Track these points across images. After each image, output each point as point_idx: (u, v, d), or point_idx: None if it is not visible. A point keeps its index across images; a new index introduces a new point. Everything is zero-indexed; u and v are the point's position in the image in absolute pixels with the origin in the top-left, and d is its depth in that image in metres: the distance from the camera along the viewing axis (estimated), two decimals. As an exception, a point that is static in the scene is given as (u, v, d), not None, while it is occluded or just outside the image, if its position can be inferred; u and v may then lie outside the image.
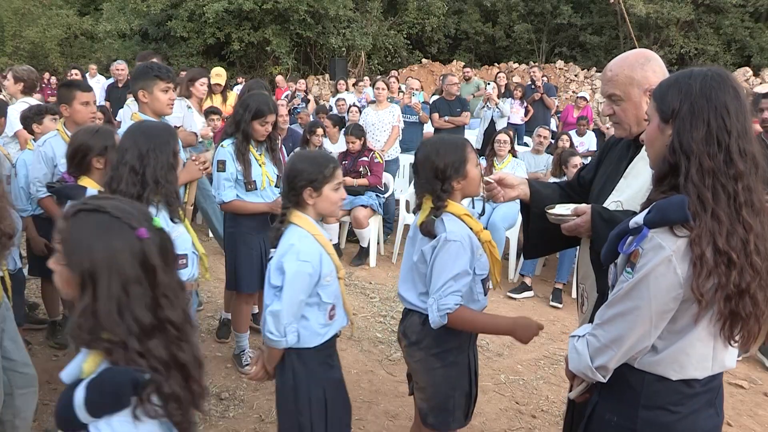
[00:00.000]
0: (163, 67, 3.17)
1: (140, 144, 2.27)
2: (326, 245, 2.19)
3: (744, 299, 1.36)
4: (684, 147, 1.39)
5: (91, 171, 2.61)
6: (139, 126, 2.43)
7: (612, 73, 1.96)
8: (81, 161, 2.59)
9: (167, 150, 2.31)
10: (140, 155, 2.26)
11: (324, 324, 2.19)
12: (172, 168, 2.30)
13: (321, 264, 2.13)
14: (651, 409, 1.49)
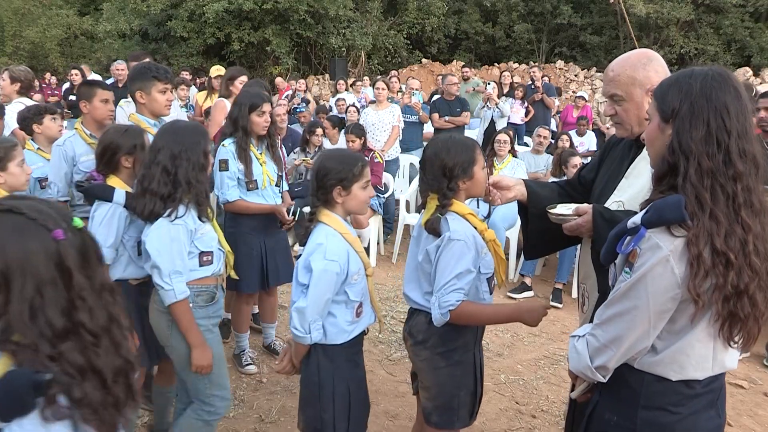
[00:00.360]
0: (161, 68, 3.16)
1: (173, 144, 2.31)
2: (354, 243, 2.21)
3: (742, 300, 1.36)
4: (683, 147, 1.38)
5: (120, 170, 2.63)
6: (171, 126, 2.46)
7: (614, 73, 1.96)
8: (110, 160, 2.60)
9: (198, 150, 2.34)
10: (173, 156, 2.29)
11: (351, 321, 2.23)
12: (202, 168, 2.33)
13: (348, 262, 2.16)
14: (651, 410, 1.49)
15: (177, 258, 2.30)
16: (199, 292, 2.42)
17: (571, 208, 2.00)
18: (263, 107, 3.45)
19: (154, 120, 3.14)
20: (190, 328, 2.35)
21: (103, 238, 2.49)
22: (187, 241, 2.33)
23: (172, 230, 2.29)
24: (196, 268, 2.40)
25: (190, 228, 2.33)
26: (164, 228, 2.29)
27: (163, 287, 2.29)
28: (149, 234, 2.32)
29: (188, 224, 2.32)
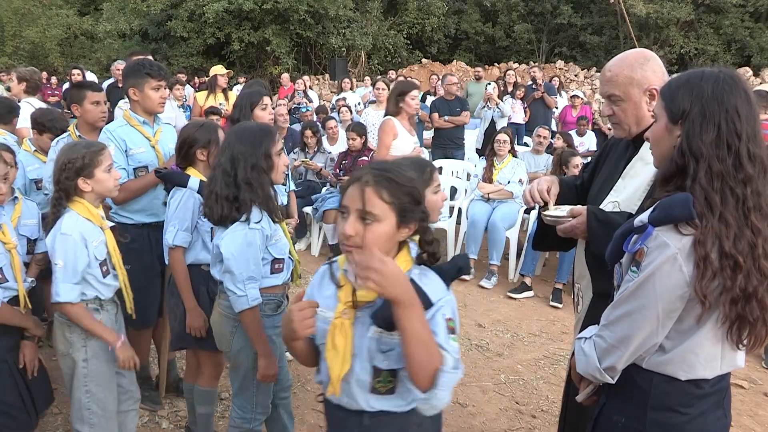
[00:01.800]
0: (155, 65, 3.13)
1: (233, 146, 2.27)
2: None
3: (751, 303, 1.36)
4: (693, 149, 1.38)
5: (196, 162, 2.70)
6: (236, 127, 2.43)
7: (611, 73, 1.95)
8: (186, 153, 2.69)
9: (258, 152, 2.26)
10: (232, 157, 2.25)
11: None
12: (263, 170, 2.26)
13: None
14: (660, 411, 1.48)
15: (252, 263, 2.25)
16: (267, 301, 2.38)
17: (565, 209, 1.99)
18: (264, 100, 3.45)
19: (147, 117, 3.13)
20: (259, 337, 2.30)
21: (180, 221, 2.58)
22: (263, 247, 2.29)
23: (249, 235, 2.23)
24: (267, 275, 2.36)
25: (267, 233, 2.28)
26: (241, 232, 2.23)
27: (235, 293, 2.23)
28: (225, 238, 2.25)
29: (265, 229, 2.27)
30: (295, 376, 3.67)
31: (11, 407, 2.35)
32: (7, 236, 2.39)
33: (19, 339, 2.43)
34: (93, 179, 2.32)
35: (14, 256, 2.38)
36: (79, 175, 2.29)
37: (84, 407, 2.36)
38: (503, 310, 4.93)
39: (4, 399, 2.34)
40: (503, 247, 5.53)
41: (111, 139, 2.98)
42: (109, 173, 2.38)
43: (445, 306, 1.47)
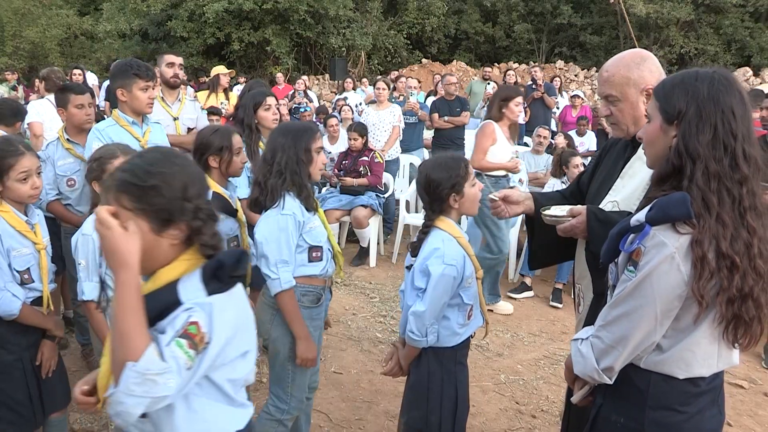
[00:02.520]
0: (142, 65, 3.14)
1: (278, 138, 2.37)
2: (467, 248, 2.25)
3: (747, 303, 1.36)
4: (690, 150, 1.38)
5: (209, 170, 2.65)
6: (282, 124, 2.53)
7: (608, 73, 1.96)
8: (200, 159, 2.64)
9: (299, 145, 2.35)
10: (273, 149, 2.36)
11: (462, 324, 2.27)
12: (301, 162, 2.34)
13: (464, 266, 2.20)
14: (658, 410, 1.48)
15: (284, 247, 2.31)
16: (305, 292, 2.42)
17: (565, 209, 2.00)
18: (267, 101, 3.48)
19: (136, 118, 3.12)
20: (295, 319, 2.35)
21: None
22: (296, 233, 2.34)
23: (281, 220, 2.31)
24: (305, 263, 2.40)
25: (299, 220, 2.34)
26: (273, 218, 2.31)
27: (270, 276, 2.32)
28: (258, 224, 2.35)
29: (297, 215, 2.33)
30: (295, 376, 3.68)
31: (18, 404, 2.35)
32: (38, 236, 2.38)
33: (39, 338, 2.43)
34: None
35: (42, 257, 2.38)
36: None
37: None
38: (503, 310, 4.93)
39: (13, 396, 2.34)
40: (503, 247, 5.52)
41: (100, 139, 2.99)
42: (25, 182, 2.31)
43: (196, 310, 1.22)
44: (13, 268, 2.28)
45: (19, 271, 2.30)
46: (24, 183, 2.28)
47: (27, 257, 2.32)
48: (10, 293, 2.24)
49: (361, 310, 4.75)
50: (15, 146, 2.29)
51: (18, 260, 2.29)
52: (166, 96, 4.12)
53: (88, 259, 2.29)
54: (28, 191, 2.30)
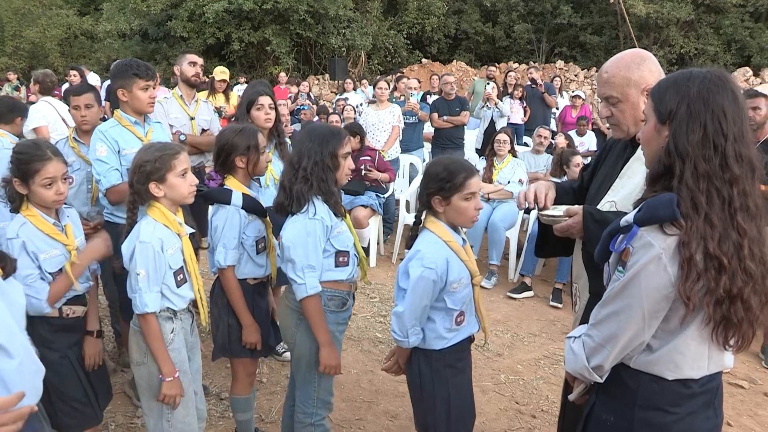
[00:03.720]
0: (142, 65, 3.12)
1: (304, 141, 2.34)
2: (459, 252, 2.21)
3: (736, 304, 1.36)
4: (679, 149, 1.38)
5: (235, 170, 2.61)
6: (309, 126, 2.48)
7: (608, 74, 1.95)
8: (225, 160, 2.60)
9: (324, 150, 2.30)
10: (299, 152, 2.32)
11: (449, 329, 2.24)
12: (327, 168, 2.30)
13: (447, 271, 2.15)
14: (647, 410, 1.49)
15: (312, 252, 2.28)
16: (331, 296, 2.39)
17: (561, 209, 2.00)
18: (260, 101, 3.44)
19: (138, 118, 3.12)
20: (319, 325, 2.31)
21: (228, 241, 2.53)
22: (323, 237, 2.31)
23: (309, 225, 2.27)
24: (331, 268, 2.37)
25: (327, 224, 2.31)
26: (301, 222, 2.28)
27: (295, 281, 2.29)
28: (286, 227, 2.32)
29: (325, 220, 2.30)
30: (295, 376, 3.68)
31: (76, 401, 2.33)
32: (70, 237, 2.34)
33: (81, 336, 2.41)
34: (165, 184, 2.25)
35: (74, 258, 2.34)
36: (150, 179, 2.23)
37: (165, 418, 2.32)
38: (503, 310, 4.93)
39: (68, 393, 2.32)
40: (503, 247, 5.53)
41: (103, 140, 2.98)
42: (184, 178, 2.28)
43: None
44: (44, 270, 2.23)
45: (51, 273, 2.25)
46: (48, 189, 2.23)
47: (58, 259, 2.27)
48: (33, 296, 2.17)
49: (361, 310, 4.75)
50: (43, 151, 2.24)
51: (48, 262, 2.24)
52: (185, 95, 4.13)
53: (147, 268, 2.19)
54: (52, 197, 2.25)
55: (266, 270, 2.70)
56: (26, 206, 2.27)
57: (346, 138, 2.39)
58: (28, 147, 2.28)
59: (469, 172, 2.17)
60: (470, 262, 2.25)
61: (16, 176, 2.23)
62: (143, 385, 2.31)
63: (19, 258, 2.13)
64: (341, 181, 2.40)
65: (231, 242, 2.53)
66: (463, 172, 2.16)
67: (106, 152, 2.98)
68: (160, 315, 2.28)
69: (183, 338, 2.36)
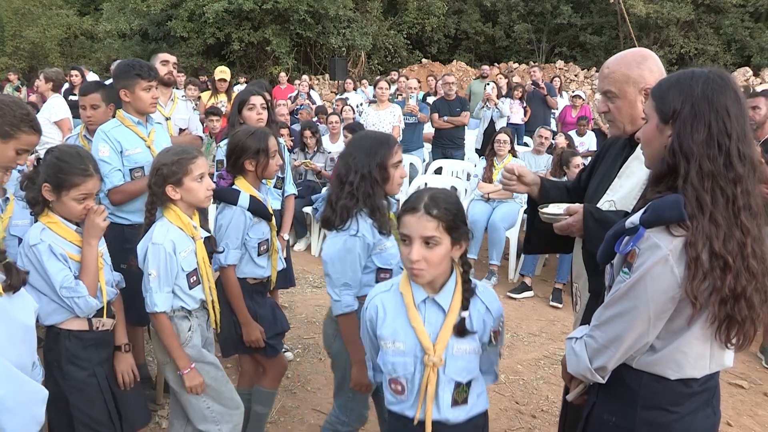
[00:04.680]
0: (145, 65, 3.12)
1: (350, 154, 2.26)
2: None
3: (740, 303, 1.36)
4: (684, 149, 1.38)
5: (245, 172, 2.59)
6: (357, 135, 2.40)
7: (609, 70, 1.97)
8: (235, 162, 2.57)
9: (372, 163, 2.21)
10: (347, 165, 2.23)
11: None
12: (375, 181, 2.20)
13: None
14: (649, 409, 1.49)
15: (349, 270, 2.22)
16: None
17: (562, 207, 2.00)
18: (251, 101, 3.44)
19: (140, 118, 3.12)
20: (353, 343, 2.23)
21: (231, 241, 2.53)
22: (364, 255, 2.24)
23: (349, 242, 2.20)
24: (372, 284, 2.26)
25: (369, 242, 2.22)
26: (341, 238, 2.21)
27: (332, 297, 2.25)
28: (326, 242, 2.30)
29: (366, 237, 2.21)
30: (295, 376, 3.68)
31: (97, 423, 2.22)
32: None
33: (111, 351, 2.31)
34: (182, 188, 2.25)
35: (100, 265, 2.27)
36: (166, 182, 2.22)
37: (204, 407, 2.33)
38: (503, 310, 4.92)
39: (92, 415, 2.21)
40: (503, 247, 5.53)
41: (106, 140, 2.97)
42: (201, 183, 2.27)
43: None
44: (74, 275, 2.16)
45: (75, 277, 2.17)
46: (80, 203, 2.16)
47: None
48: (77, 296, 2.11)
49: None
50: (86, 165, 2.16)
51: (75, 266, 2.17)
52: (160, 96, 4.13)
53: (159, 268, 2.19)
54: (81, 212, 2.18)
55: (266, 272, 2.70)
56: (47, 212, 2.18)
57: (395, 146, 2.28)
58: (71, 157, 2.17)
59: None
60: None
61: (48, 182, 2.12)
62: (175, 381, 2.33)
63: (48, 262, 2.08)
64: (393, 192, 2.30)
65: (233, 242, 2.54)
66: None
67: (108, 152, 2.98)
68: (175, 314, 2.29)
69: (200, 335, 2.39)
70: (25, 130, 2.17)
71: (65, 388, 2.16)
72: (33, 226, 2.19)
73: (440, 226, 1.67)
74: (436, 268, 1.71)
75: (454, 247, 1.72)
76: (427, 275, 1.70)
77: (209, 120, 6.39)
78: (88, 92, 3.35)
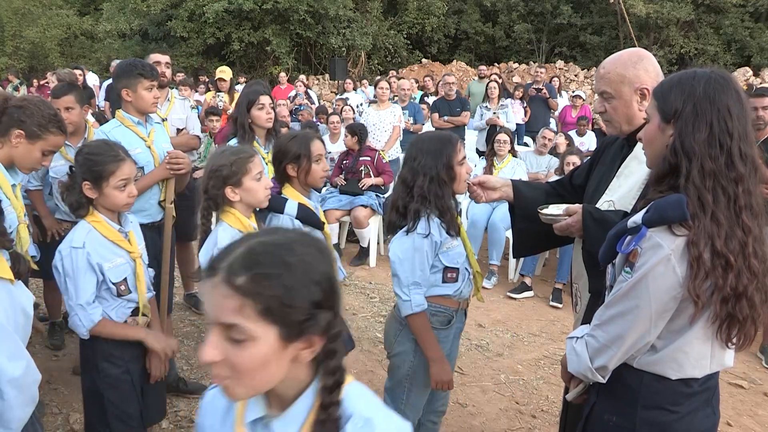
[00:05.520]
0: (147, 65, 3.11)
1: (415, 158, 2.23)
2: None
3: (741, 302, 1.37)
4: (686, 148, 1.39)
5: (289, 178, 2.50)
6: (419, 138, 2.37)
7: (605, 70, 1.97)
8: (278, 167, 2.49)
9: (439, 164, 2.20)
10: (413, 169, 2.22)
11: None
12: (444, 182, 2.19)
13: None
14: (650, 409, 1.49)
15: (418, 269, 2.21)
16: (435, 312, 2.30)
17: (561, 208, 2.01)
18: (261, 100, 3.43)
19: (140, 118, 3.12)
20: (428, 341, 2.24)
21: None
22: (432, 254, 2.23)
23: (417, 241, 2.19)
24: (438, 284, 2.29)
25: (436, 240, 2.22)
26: (409, 237, 2.20)
27: (400, 297, 2.23)
28: (393, 242, 2.26)
29: (434, 236, 2.21)
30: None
31: (131, 418, 2.25)
32: (133, 245, 2.25)
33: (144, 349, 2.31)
34: (241, 188, 2.20)
35: (138, 266, 2.25)
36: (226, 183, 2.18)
37: None
38: (503, 310, 4.93)
39: (125, 410, 2.23)
40: (503, 247, 5.53)
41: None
42: (259, 182, 2.23)
43: None
44: (109, 281, 2.15)
45: (115, 283, 2.17)
46: (122, 191, 2.14)
47: (122, 267, 2.20)
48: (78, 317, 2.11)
49: (361, 310, 4.75)
50: (116, 151, 2.15)
51: (113, 272, 2.16)
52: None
53: None
54: (125, 199, 2.17)
55: None
56: (91, 212, 2.17)
57: (458, 144, 2.27)
58: (99, 147, 2.17)
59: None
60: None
61: (86, 179, 2.11)
62: None
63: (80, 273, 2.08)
64: (460, 190, 2.30)
65: None
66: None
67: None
68: None
69: None
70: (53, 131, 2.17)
71: (100, 385, 2.21)
72: (80, 226, 2.16)
73: (250, 307, 0.90)
74: (252, 378, 0.94)
75: (291, 344, 0.94)
76: (237, 389, 0.95)
77: (209, 120, 6.39)
78: (61, 95, 3.30)
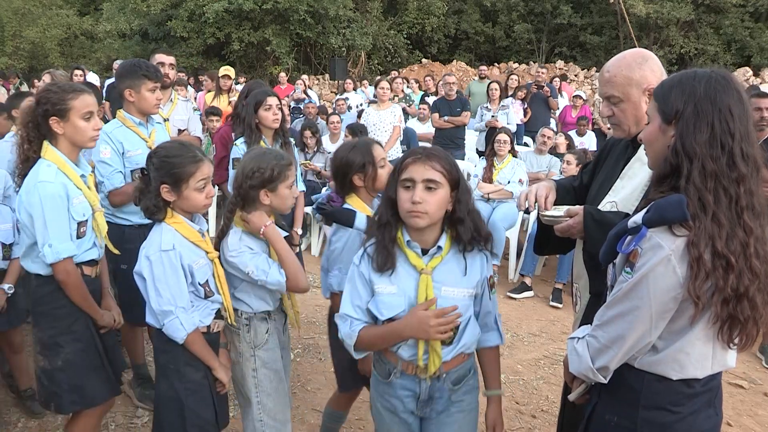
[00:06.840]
0: (151, 66, 3.11)
1: None
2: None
3: (742, 303, 1.36)
4: (687, 149, 1.38)
5: (356, 189, 2.41)
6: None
7: (610, 74, 1.95)
8: (343, 180, 2.40)
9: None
10: None
11: None
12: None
13: None
14: (651, 410, 1.49)
15: None
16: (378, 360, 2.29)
17: (562, 209, 2.01)
18: (268, 101, 3.46)
19: (142, 118, 3.11)
20: None
21: (345, 265, 2.29)
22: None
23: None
24: None
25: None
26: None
27: None
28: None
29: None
30: (295, 375, 3.67)
31: (209, 424, 2.23)
32: (209, 245, 2.21)
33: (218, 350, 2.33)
34: (275, 193, 2.20)
35: (217, 266, 2.21)
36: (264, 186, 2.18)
37: (256, 419, 2.32)
38: (503, 310, 4.93)
39: (204, 416, 2.21)
40: (503, 247, 5.54)
41: (108, 142, 2.95)
42: (290, 190, 2.23)
43: None
44: (197, 282, 2.13)
45: (201, 284, 2.14)
46: (201, 192, 2.11)
47: (204, 268, 2.16)
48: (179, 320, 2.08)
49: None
50: (194, 152, 2.12)
51: (200, 273, 2.14)
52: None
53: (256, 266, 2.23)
54: (203, 200, 2.14)
55: None
56: (170, 214, 2.12)
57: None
58: (176, 149, 2.13)
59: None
60: None
61: (165, 182, 2.07)
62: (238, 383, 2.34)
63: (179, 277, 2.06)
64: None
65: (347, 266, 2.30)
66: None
67: (110, 154, 2.95)
68: (255, 316, 2.29)
69: (276, 338, 2.38)
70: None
71: (180, 390, 2.15)
72: (162, 229, 2.11)
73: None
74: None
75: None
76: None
77: (209, 120, 6.39)
78: None
